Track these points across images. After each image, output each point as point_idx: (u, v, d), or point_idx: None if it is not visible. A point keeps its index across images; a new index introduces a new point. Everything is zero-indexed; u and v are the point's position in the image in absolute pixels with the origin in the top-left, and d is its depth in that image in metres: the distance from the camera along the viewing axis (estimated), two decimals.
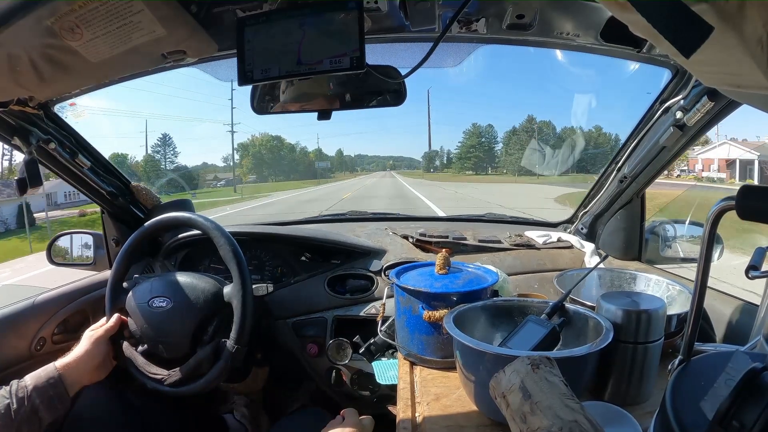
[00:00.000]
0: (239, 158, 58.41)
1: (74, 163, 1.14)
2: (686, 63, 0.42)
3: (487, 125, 61.01)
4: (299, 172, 65.49)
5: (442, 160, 71.55)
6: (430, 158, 73.75)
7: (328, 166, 74.99)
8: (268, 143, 61.65)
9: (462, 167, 57.64)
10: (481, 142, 58.06)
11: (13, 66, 0.69)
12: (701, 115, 0.91)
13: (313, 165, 69.84)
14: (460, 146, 60.86)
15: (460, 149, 60.95)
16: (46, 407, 0.84)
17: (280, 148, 63.54)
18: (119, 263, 1.10)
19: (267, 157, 61.24)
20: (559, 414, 0.46)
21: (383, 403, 1.23)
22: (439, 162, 71.95)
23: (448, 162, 69.39)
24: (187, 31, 0.73)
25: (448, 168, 65.71)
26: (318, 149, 77.85)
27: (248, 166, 57.99)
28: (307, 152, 71.36)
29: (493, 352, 0.64)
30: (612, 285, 1.01)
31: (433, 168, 70.12)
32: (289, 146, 66.22)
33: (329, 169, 75.10)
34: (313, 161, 71.14)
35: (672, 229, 1.31)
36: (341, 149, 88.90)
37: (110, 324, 1.03)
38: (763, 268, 0.58)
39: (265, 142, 61.52)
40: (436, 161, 72.45)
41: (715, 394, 0.42)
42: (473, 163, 57.08)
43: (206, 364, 1.00)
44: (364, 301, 1.25)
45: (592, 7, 0.74)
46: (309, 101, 0.90)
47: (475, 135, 58.83)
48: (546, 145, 39.63)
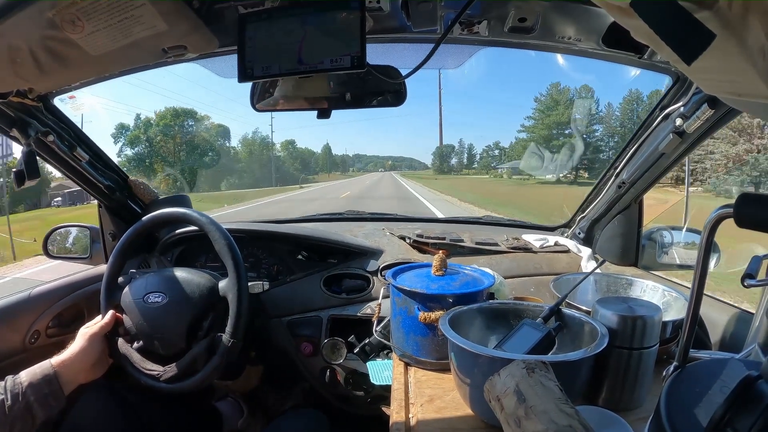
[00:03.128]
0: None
1: (72, 156, 1.14)
2: (687, 70, 0.43)
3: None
4: (247, 172, 47.49)
5: (461, 157, 61.34)
6: (442, 155, 64.08)
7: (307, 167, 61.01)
8: (174, 119, 35.50)
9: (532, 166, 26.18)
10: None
11: (13, 57, 0.69)
12: (701, 122, 0.91)
13: (282, 163, 54.77)
14: (534, 123, 37.47)
15: (535, 125, 37.32)
16: (40, 404, 0.84)
17: (184, 124, 36.23)
18: (115, 259, 1.09)
19: (161, 144, 35.10)
20: (554, 418, 0.46)
21: (377, 403, 1.23)
22: (457, 160, 62.24)
23: (469, 160, 59.40)
24: (188, 26, 0.72)
25: (468, 168, 56.83)
26: (288, 142, 60.56)
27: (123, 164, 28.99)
28: (267, 143, 52.16)
29: (488, 355, 0.64)
30: (608, 290, 1.01)
31: (447, 167, 61.12)
32: (203, 119, 38.32)
33: (310, 169, 62.82)
34: (283, 159, 56.46)
35: (669, 236, 1.31)
36: (328, 144, 75.77)
37: (105, 321, 1.02)
38: (759, 277, 0.58)
39: (170, 117, 35.28)
40: (451, 159, 62.62)
41: (710, 402, 0.42)
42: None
43: (202, 360, 1.00)
44: (360, 301, 1.25)
45: (594, 12, 0.74)
46: (309, 99, 0.90)
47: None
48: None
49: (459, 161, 63.48)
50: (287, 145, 61.39)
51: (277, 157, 54.97)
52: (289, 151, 61.74)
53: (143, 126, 35.39)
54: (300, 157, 64.28)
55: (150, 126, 35.36)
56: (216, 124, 42.81)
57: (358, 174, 66.38)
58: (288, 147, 61.50)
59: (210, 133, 40.04)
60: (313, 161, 70.55)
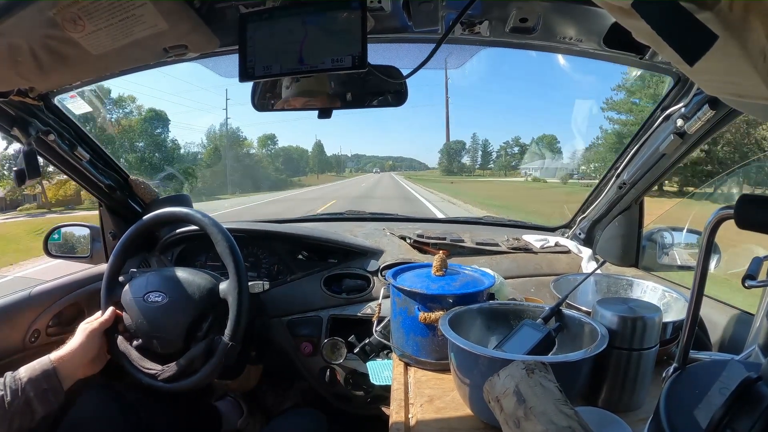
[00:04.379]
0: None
1: (73, 155, 1.14)
2: (688, 71, 0.42)
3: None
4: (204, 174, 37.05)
5: (474, 155, 52.24)
6: (450, 153, 55.33)
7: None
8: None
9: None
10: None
11: (14, 56, 0.69)
12: (702, 123, 0.91)
13: (257, 162, 43.77)
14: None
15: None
16: (39, 400, 0.84)
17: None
18: (115, 257, 1.09)
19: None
20: (553, 419, 0.46)
21: (377, 403, 1.23)
22: (469, 159, 53.24)
23: (484, 158, 50.29)
24: (189, 25, 0.72)
25: (482, 168, 48.13)
26: (267, 137, 49.60)
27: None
28: (239, 138, 43.09)
29: (487, 355, 0.64)
30: (608, 291, 1.01)
31: (456, 167, 52.34)
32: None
33: (299, 169, 51.94)
34: (258, 158, 45.50)
35: (670, 237, 1.31)
36: (320, 141, 64.89)
37: (105, 317, 1.03)
38: (760, 278, 0.58)
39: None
40: (462, 157, 53.74)
41: (709, 403, 0.42)
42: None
43: (200, 360, 1.00)
44: (360, 301, 1.25)
45: (596, 13, 0.74)
46: (310, 99, 0.90)
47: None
48: None
49: (472, 160, 55.23)
50: (265, 141, 51.47)
51: (249, 155, 45.43)
52: (269, 148, 52.20)
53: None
54: (284, 155, 55.93)
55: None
56: (148, 108, 31.94)
57: (353, 176, 57.16)
58: (267, 143, 51.79)
59: (137, 120, 30.56)
60: (303, 161, 61.30)
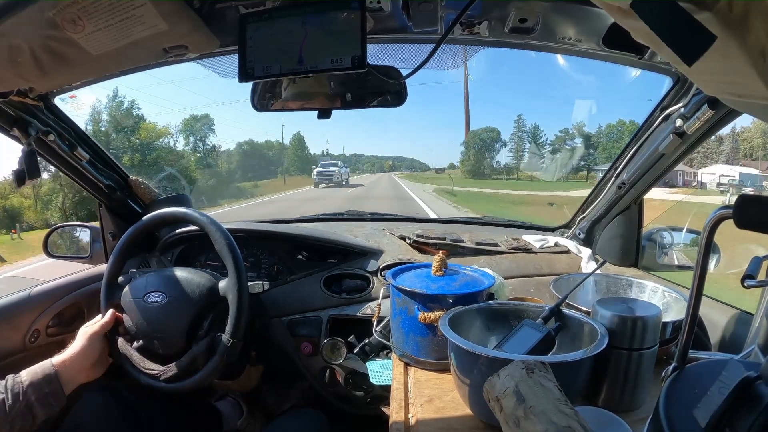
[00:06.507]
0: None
1: (73, 156, 1.14)
2: (688, 71, 0.43)
3: None
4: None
5: (519, 147, 36.96)
6: (481, 146, 39.10)
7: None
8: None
9: None
10: None
11: (13, 57, 0.69)
12: (701, 123, 0.91)
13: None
14: None
15: None
16: (41, 404, 0.84)
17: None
18: (115, 258, 1.09)
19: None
20: (553, 419, 0.46)
21: (376, 403, 1.23)
22: (512, 154, 37.97)
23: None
24: (189, 26, 0.72)
25: (513, 171, 36.05)
26: (199, 117, 33.63)
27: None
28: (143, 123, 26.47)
29: (487, 355, 0.64)
30: (608, 291, 1.01)
31: (488, 166, 38.75)
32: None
33: (267, 168, 41.74)
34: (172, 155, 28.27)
35: (669, 237, 1.31)
36: (300, 134, 51.14)
37: (105, 320, 1.02)
38: (759, 278, 0.58)
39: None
40: (495, 151, 38.88)
41: (709, 402, 0.42)
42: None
43: (201, 359, 1.00)
44: (360, 301, 1.25)
45: (595, 13, 0.75)
46: (309, 99, 0.90)
47: None
48: None
49: (516, 155, 39.02)
50: (191, 124, 33.60)
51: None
52: (199, 134, 33.49)
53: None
54: (248, 151, 43.66)
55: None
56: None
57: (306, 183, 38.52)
58: (193, 126, 33.44)
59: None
60: (278, 159, 48.21)
